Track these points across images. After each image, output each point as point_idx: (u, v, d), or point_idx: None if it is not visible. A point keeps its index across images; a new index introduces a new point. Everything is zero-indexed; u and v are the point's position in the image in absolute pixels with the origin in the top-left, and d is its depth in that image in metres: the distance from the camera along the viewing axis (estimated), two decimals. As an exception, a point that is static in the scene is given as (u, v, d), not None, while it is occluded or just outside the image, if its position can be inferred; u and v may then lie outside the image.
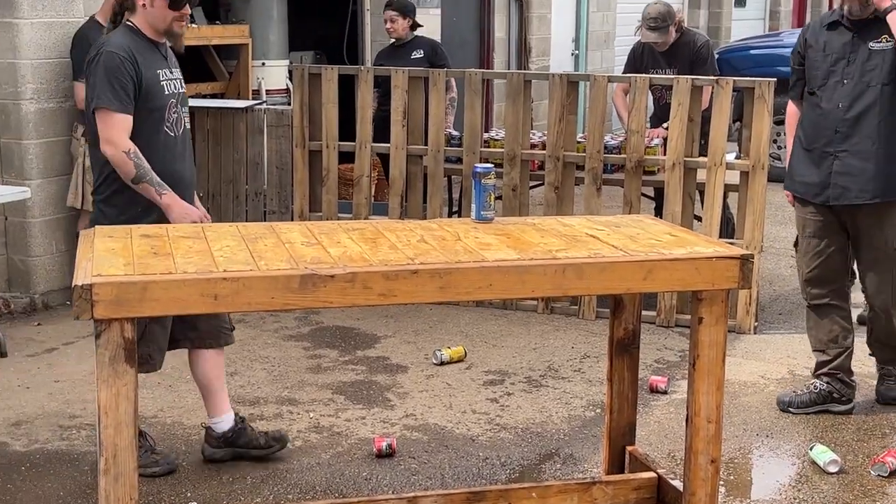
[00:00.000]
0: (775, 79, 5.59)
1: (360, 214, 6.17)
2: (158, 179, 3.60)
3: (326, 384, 4.85)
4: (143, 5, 3.65)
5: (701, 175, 5.66)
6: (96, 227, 3.25)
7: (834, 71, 4.34)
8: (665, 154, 5.74)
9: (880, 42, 4.25)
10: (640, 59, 6.54)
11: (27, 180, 5.83)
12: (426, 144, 6.12)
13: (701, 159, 5.62)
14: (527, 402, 4.66)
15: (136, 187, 3.59)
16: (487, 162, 6.09)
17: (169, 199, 3.60)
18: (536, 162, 6.11)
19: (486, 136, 6.39)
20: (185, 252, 2.86)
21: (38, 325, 5.71)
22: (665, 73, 6.30)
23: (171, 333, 3.83)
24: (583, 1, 12.30)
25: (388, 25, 7.02)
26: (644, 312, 4.22)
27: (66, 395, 4.68)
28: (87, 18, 5.91)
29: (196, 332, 3.87)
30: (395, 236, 3.11)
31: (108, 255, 2.80)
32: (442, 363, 5.08)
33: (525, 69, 10.64)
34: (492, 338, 5.56)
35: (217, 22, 7.93)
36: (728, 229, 6.11)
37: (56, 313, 5.91)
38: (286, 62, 8.34)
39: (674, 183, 5.64)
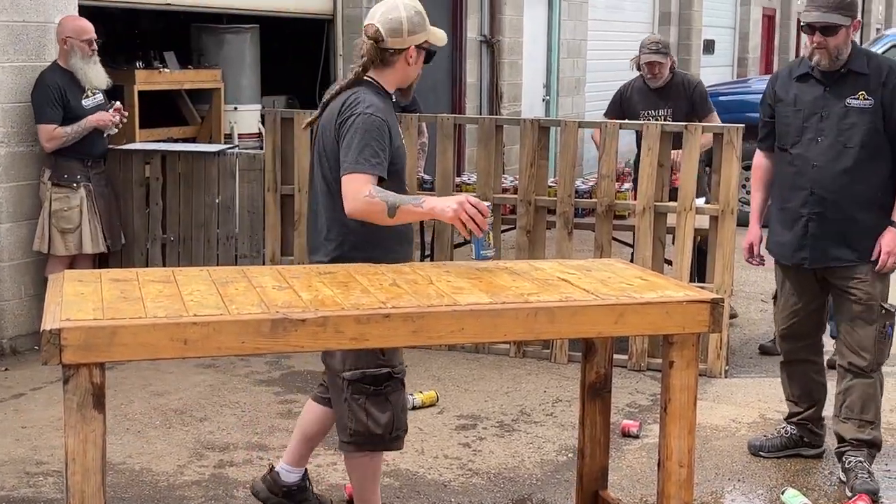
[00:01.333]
0: (744, 125, 5.66)
1: (331, 258, 6.15)
2: (408, 196, 3.31)
3: (297, 429, 4.81)
4: (409, 63, 3.43)
5: (671, 220, 5.70)
6: (65, 271, 3.22)
7: (807, 127, 4.14)
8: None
9: (857, 98, 4.05)
10: (627, 102, 6.55)
11: (-4, 224, 5.80)
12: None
13: (671, 204, 5.67)
14: (499, 447, 4.64)
15: (394, 220, 3.24)
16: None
17: (429, 203, 3.27)
18: (508, 206, 6.14)
19: (458, 180, 6.42)
20: (155, 296, 2.85)
21: (6, 370, 5.64)
22: (659, 113, 6.35)
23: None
24: (553, 47, 12.44)
25: None
26: (616, 356, 4.23)
27: (33, 441, 4.62)
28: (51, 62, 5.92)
29: None
30: (367, 280, 3.11)
31: (77, 300, 2.78)
32: (414, 407, 5.04)
33: (497, 114, 10.72)
34: (464, 382, 5.54)
35: (189, 66, 7.95)
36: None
37: (24, 358, 5.84)
38: (258, 106, 8.37)
39: (644, 227, 5.67)
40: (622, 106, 6.58)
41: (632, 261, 6.08)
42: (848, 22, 4.04)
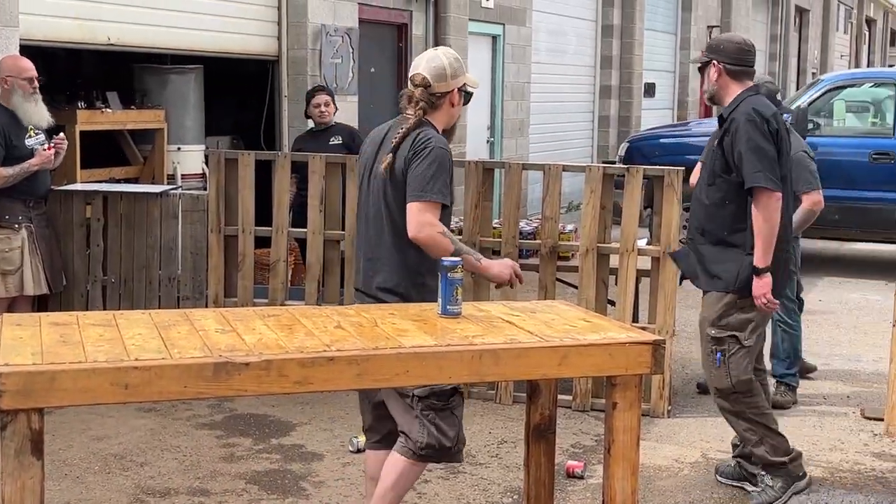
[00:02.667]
0: (683, 167, 5.75)
1: (275, 300, 6.13)
2: (471, 249, 3.70)
3: (240, 474, 4.75)
4: (452, 104, 3.77)
5: (614, 261, 5.76)
6: (4, 315, 3.18)
7: (705, 162, 4.54)
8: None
9: (721, 143, 4.35)
10: None
11: (-69, 266, 5.68)
12: (343, 229, 6.14)
13: (613, 245, 5.73)
14: (444, 490, 4.62)
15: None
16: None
17: (486, 263, 3.69)
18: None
19: (402, 221, 6.41)
20: (96, 340, 2.81)
21: (-61, 415, 5.51)
22: None
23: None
24: (497, 90, 12.56)
25: (324, 108, 7.05)
26: (560, 396, 4.25)
27: (-34, 488, 4.51)
28: None
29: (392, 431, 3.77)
30: (311, 322, 3.10)
31: (16, 344, 2.73)
32: (358, 450, 5.01)
33: (441, 155, 10.76)
34: (409, 424, 5.52)
35: (132, 107, 7.90)
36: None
37: (-42, 403, 5.71)
38: (202, 147, 8.33)
39: (587, 268, 5.73)
40: None
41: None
42: (706, 60, 4.44)
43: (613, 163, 12.05)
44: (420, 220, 3.54)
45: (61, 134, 6.05)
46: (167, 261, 6.43)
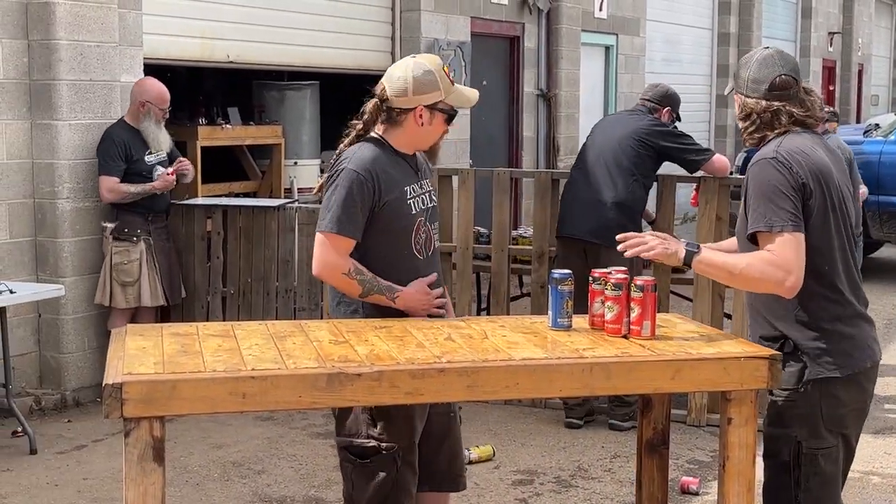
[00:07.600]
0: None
1: (389, 312, 6.18)
2: (388, 284, 3.24)
3: (354, 483, 4.81)
4: (420, 123, 3.30)
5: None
6: (128, 325, 3.28)
7: None
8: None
9: None
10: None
11: (61, 278, 5.92)
12: (454, 242, 6.17)
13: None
14: (556, 503, 4.60)
15: (364, 300, 3.26)
16: (516, 260, 6.14)
17: (402, 301, 3.26)
18: (565, 259, 6.12)
19: (514, 233, 6.43)
20: (215, 350, 2.88)
21: (69, 421, 5.73)
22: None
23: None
24: (610, 100, 12.48)
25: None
26: (674, 411, 4.18)
27: (94, 492, 4.67)
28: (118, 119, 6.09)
29: (434, 475, 3.37)
30: (422, 334, 3.12)
31: (139, 354, 2.82)
32: (470, 462, 5.02)
33: (553, 167, 10.75)
34: (520, 436, 5.51)
35: (251, 123, 8.10)
36: None
37: (87, 410, 5.93)
38: (318, 161, 8.48)
39: (703, 281, 5.63)
40: None
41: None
42: None
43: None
44: (317, 257, 3.23)
45: (184, 159, 6.27)
46: (284, 273, 6.55)
